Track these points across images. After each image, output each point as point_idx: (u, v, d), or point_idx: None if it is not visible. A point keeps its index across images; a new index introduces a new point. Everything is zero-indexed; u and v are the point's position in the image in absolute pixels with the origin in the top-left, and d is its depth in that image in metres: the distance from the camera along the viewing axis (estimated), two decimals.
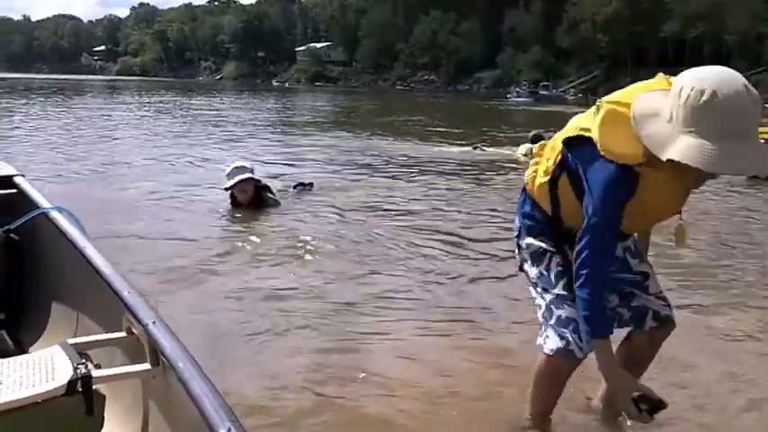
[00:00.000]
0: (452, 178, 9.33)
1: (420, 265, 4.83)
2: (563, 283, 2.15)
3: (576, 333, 2.09)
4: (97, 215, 6.07)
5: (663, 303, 2.26)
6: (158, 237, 5.50)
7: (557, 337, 2.14)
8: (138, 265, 4.56)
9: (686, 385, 2.84)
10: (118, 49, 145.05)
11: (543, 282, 2.20)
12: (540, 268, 2.21)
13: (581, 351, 2.10)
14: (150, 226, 5.92)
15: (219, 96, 40.76)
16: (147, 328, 1.72)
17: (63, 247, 2.43)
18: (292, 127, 19.69)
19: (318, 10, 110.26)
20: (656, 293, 2.25)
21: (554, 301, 2.16)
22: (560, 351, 2.13)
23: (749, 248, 5.43)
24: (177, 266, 4.62)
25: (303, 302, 3.93)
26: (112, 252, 4.67)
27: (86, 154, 10.85)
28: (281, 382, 2.90)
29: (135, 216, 6.31)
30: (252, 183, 6.20)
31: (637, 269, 2.24)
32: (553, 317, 2.16)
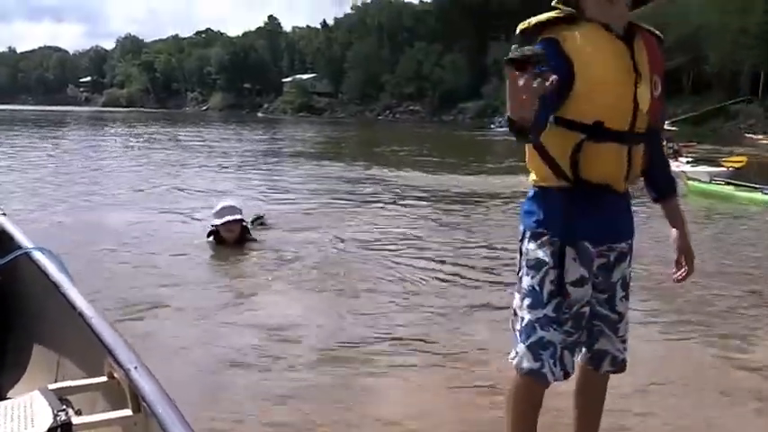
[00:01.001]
0: (450, 207, 9.41)
1: (409, 297, 4.90)
2: (555, 303, 2.10)
3: (552, 359, 2.09)
4: (81, 247, 6.09)
5: (623, 347, 2.27)
6: (142, 270, 5.52)
7: (532, 358, 2.12)
8: (120, 299, 4.60)
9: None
10: (104, 81, 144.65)
11: (533, 297, 2.13)
12: (533, 281, 2.14)
13: (553, 376, 2.11)
14: (134, 259, 5.95)
15: (207, 127, 40.80)
16: (129, 373, 1.70)
17: (45, 288, 2.39)
18: (282, 157, 19.81)
19: (305, 42, 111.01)
20: (622, 336, 2.26)
21: (540, 321, 2.11)
22: (533, 373, 2.12)
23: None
24: (161, 302, 4.65)
25: (290, 340, 3.93)
26: (94, 283, 4.73)
27: (71, 187, 10.88)
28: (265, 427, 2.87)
29: (119, 248, 6.34)
30: (239, 224, 6.34)
31: (618, 307, 2.23)
32: (534, 336, 2.12)
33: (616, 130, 2.02)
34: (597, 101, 2.00)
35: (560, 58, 1.96)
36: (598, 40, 2.02)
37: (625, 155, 2.06)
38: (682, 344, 4.06)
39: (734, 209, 9.82)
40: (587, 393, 2.37)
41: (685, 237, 2.29)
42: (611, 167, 2.06)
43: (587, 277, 2.12)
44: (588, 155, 2.02)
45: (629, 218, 2.24)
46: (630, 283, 2.26)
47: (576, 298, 2.11)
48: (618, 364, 2.26)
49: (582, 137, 2.01)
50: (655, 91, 2.07)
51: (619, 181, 2.10)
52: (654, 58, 2.09)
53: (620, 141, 2.04)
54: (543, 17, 2.05)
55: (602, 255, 2.15)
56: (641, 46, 2.07)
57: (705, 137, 30.98)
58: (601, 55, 2.01)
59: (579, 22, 2.04)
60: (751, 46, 45.54)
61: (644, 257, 4.52)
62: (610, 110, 2.01)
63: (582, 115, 2.00)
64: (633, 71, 2.04)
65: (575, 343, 2.16)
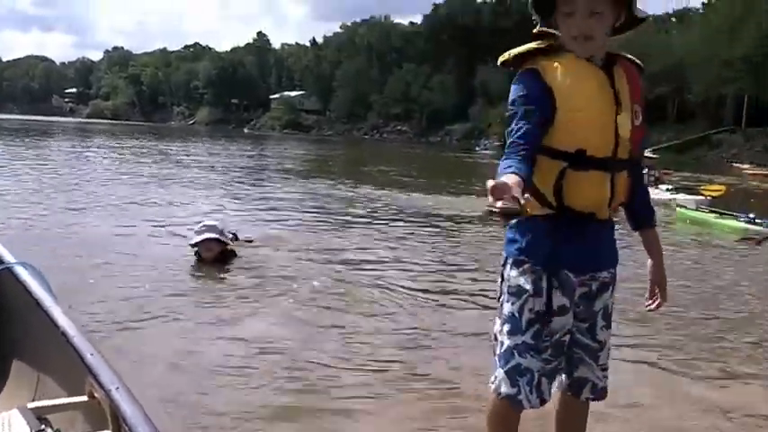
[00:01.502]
0: (435, 228, 9.42)
1: (387, 318, 4.88)
2: (533, 330, 2.11)
3: (529, 386, 2.10)
4: (64, 262, 6.04)
5: (604, 375, 2.27)
6: (124, 286, 5.47)
7: (509, 384, 2.13)
8: (101, 314, 4.56)
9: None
10: (89, 92, 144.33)
11: (512, 324, 2.14)
12: (513, 308, 2.14)
13: (529, 403, 2.12)
14: (117, 274, 5.90)
15: (194, 142, 40.71)
16: (110, 394, 1.68)
17: (27, 304, 2.36)
18: (269, 174, 19.82)
19: (293, 59, 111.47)
20: (602, 364, 2.26)
21: (518, 347, 2.12)
22: (510, 398, 2.14)
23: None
24: (142, 318, 4.61)
25: (267, 362, 3.88)
26: (76, 298, 4.66)
27: (55, 200, 10.71)
28: None
29: (102, 263, 6.28)
30: (217, 242, 6.34)
31: (599, 336, 2.22)
32: (512, 362, 2.13)
33: (599, 157, 2.03)
34: (579, 129, 2.02)
35: (542, 90, 2.00)
36: (578, 70, 2.04)
37: (608, 182, 2.07)
38: (659, 372, 4.06)
39: (716, 234, 10.22)
40: (568, 420, 2.37)
41: (661, 267, 2.31)
42: (594, 195, 2.07)
43: (568, 306, 2.12)
44: (571, 183, 2.03)
45: (613, 247, 2.24)
46: (612, 313, 2.26)
47: (556, 326, 2.11)
48: (598, 391, 2.27)
49: (564, 165, 2.03)
50: (635, 120, 2.09)
51: (602, 208, 2.10)
52: (634, 88, 2.11)
53: (603, 169, 2.05)
54: (524, 48, 2.09)
55: (584, 284, 2.15)
56: (621, 75, 2.09)
57: (688, 165, 31.45)
58: (581, 84, 2.03)
59: (559, 52, 2.07)
60: (734, 77, 46.36)
61: (629, 282, 4.52)
62: (591, 138, 2.03)
63: (564, 144, 2.02)
64: (613, 100, 2.06)
65: (553, 370, 2.17)
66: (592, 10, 2.00)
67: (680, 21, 61.87)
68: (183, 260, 6.44)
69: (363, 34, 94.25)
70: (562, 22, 2.05)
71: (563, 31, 2.06)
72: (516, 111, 2.01)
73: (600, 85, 2.05)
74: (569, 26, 2.03)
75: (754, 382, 3.95)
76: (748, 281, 6.89)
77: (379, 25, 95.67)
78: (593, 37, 2.02)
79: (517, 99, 2.03)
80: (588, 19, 2.00)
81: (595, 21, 2.01)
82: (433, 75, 78.71)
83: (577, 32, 2.02)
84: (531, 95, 2.01)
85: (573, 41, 2.04)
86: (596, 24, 2.02)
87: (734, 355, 4.40)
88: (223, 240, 6.44)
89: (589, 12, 2.00)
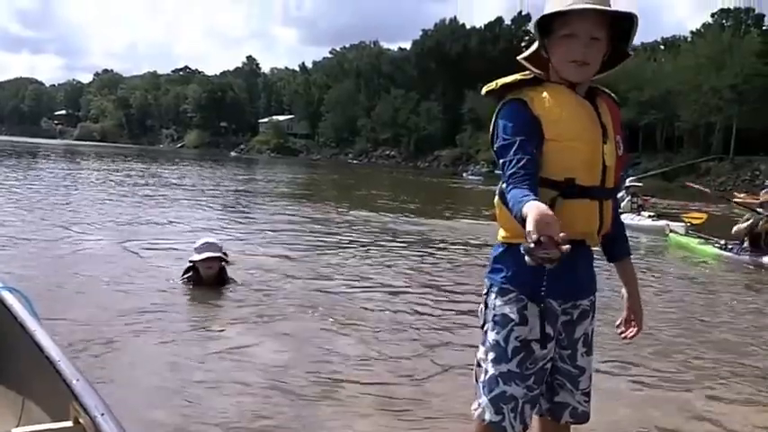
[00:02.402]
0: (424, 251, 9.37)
1: (372, 342, 4.92)
2: (518, 359, 2.12)
3: (513, 413, 2.12)
4: (52, 283, 6.02)
5: (585, 399, 2.28)
6: (113, 308, 5.41)
7: (493, 411, 2.14)
8: (89, 337, 4.51)
9: None
10: (79, 114, 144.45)
11: (497, 352, 2.15)
12: (498, 337, 2.15)
13: (513, 429, 2.14)
14: (106, 296, 5.86)
15: (185, 165, 40.60)
16: (95, 420, 1.67)
17: (12, 329, 2.38)
18: (260, 197, 19.82)
19: (282, 84, 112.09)
20: (583, 389, 2.27)
21: (503, 376, 2.13)
22: (494, 425, 2.14)
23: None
24: (133, 341, 4.60)
25: (259, 385, 3.89)
26: (65, 319, 4.65)
27: (44, 221, 10.59)
28: None
29: (92, 283, 6.28)
30: (219, 261, 6.25)
31: (579, 362, 2.24)
32: (497, 390, 2.14)
33: (587, 186, 2.07)
34: (567, 158, 2.05)
35: (531, 120, 2.03)
36: (564, 100, 2.07)
37: (597, 210, 2.11)
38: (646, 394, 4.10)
39: (698, 258, 10.65)
40: None
41: (637, 296, 2.36)
42: (585, 223, 2.10)
43: (552, 335, 2.15)
44: (564, 211, 2.00)
45: (593, 274, 2.28)
46: (593, 339, 2.29)
47: (540, 355, 2.14)
48: (578, 415, 2.28)
49: (555, 194, 2.04)
50: (618, 150, 2.13)
51: (593, 235, 2.14)
52: (615, 120, 2.16)
53: (592, 197, 2.09)
54: (509, 79, 2.12)
55: (566, 312, 2.19)
56: (604, 107, 2.14)
57: (676, 193, 31.59)
58: (568, 113, 2.06)
59: (543, 83, 2.11)
60: (722, 106, 46.96)
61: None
62: (580, 166, 2.06)
63: (553, 173, 2.04)
64: (600, 130, 2.09)
65: (536, 397, 2.19)
66: (591, 35, 2.02)
67: (669, 49, 62.73)
68: (176, 283, 6.38)
69: (352, 59, 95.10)
70: (559, 45, 2.06)
71: (558, 54, 2.07)
72: (511, 140, 2.02)
73: (587, 113, 2.09)
74: (568, 50, 2.04)
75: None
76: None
77: (368, 50, 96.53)
78: (590, 63, 2.05)
79: (509, 129, 2.05)
80: (589, 43, 2.03)
81: (594, 46, 2.04)
82: (421, 100, 79.25)
83: (577, 57, 2.03)
84: (522, 126, 2.03)
85: (568, 66, 2.06)
86: (595, 50, 2.05)
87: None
88: (223, 259, 6.37)
89: (589, 37, 2.02)
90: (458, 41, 78.89)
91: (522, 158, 1.98)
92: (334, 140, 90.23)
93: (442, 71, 78.24)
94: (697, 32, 60.71)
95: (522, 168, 1.97)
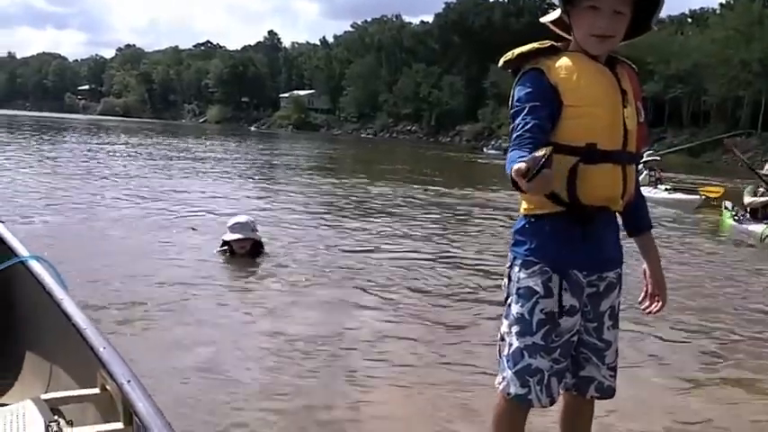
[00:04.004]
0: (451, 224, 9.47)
1: (416, 311, 5.02)
2: (544, 331, 2.12)
3: (539, 385, 2.12)
4: (83, 254, 6.11)
5: (611, 374, 2.26)
6: (146, 277, 5.51)
7: (519, 384, 2.14)
8: (121, 305, 4.61)
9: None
10: (102, 89, 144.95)
11: (522, 325, 2.14)
12: (523, 309, 2.14)
13: (540, 402, 2.14)
14: (141, 264, 5.97)
15: (209, 140, 40.76)
16: (122, 387, 1.69)
17: (39, 297, 2.38)
18: (287, 171, 19.93)
19: (303, 58, 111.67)
20: (609, 363, 2.26)
21: (529, 348, 2.13)
22: (519, 398, 2.15)
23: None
24: (166, 310, 4.65)
25: (292, 356, 3.91)
26: (95, 289, 4.76)
27: (73, 194, 10.70)
28: None
29: (124, 252, 6.42)
30: (251, 241, 6.47)
31: (605, 336, 2.23)
32: (522, 363, 2.14)
33: (610, 150, 2.05)
34: (588, 123, 2.04)
35: (547, 88, 2.03)
36: (583, 66, 2.06)
37: (620, 174, 2.09)
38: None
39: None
40: (573, 419, 2.38)
41: (659, 270, 2.34)
42: (608, 187, 2.09)
43: (578, 307, 2.14)
44: (585, 177, 2.03)
45: (619, 247, 2.25)
46: (619, 313, 2.27)
47: (566, 327, 2.13)
48: (604, 390, 2.27)
49: (576, 159, 2.03)
50: (639, 116, 2.13)
51: (617, 200, 2.12)
52: (635, 87, 2.15)
53: (615, 161, 2.07)
54: (525, 48, 2.11)
55: (591, 284, 2.16)
56: (624, 74, 2.13)
57: (701, 169, 31.20)
58: (587, 79, 2.05)
59: (561, 52, 2.10)
60: (751, 80, 46.09)
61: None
62: (602, 130, 2.05)
63: (574, 139, 2.03)
64: (620, 95, 2.09)
65: (563, 370, 2.18)
66: (615, 9, 2.01)
67: (696, 22, 61.56)
68: (212, 254, 6.54)
69: (374, 33, 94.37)
70: (582, 16, 2.05)
71: (581, 26, 2.06)
72: (522, 107, 2.03)
73: (606, 78, 2.08)
74: (593, 23, 2.03)
75: None
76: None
77: (389, 24, 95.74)
78: (613, 36, 2.04)
79: (523, 96, 2.06)
80: (613, 17, 2.01)
81: (618, 20, 2.03)
82: (443, 75, 78.66)
83: (601, 31, 2.02)
84: (536, 93, 2.03)
85: (590, 39, 2.05)
86: (618, 24, 2.04)
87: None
88: (255, 238, 6.57)
89: (613, 10, 2.01)
90: (481, 14, 77.99)
91: (528, 122, 1.99)
92: (356, 115, 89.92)
93: (465, 45, 77.54)
94: (726, 4, 59.41)
95: (528, 131, 1.98)
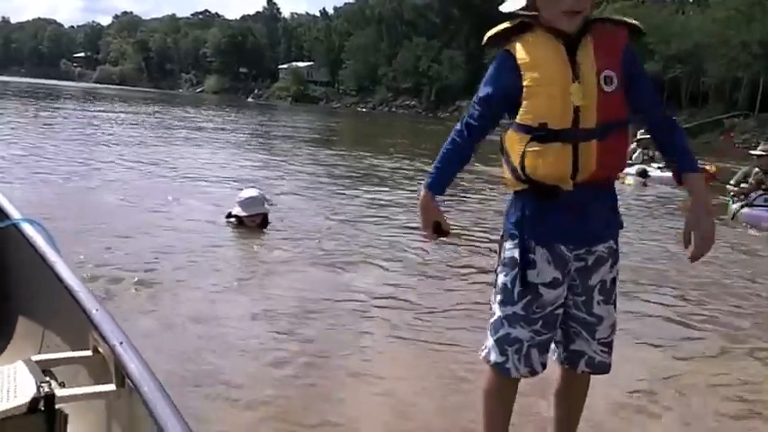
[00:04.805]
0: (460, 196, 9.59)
1: (402, 278, 5.16)
2: (525, 301, 2.15)
3: (517, 354, 2.16)
4: (83, 220, 6.19)
5: (603, 350, 2.24)
6: (148, 241, 5.64)
7: (498, 351, 2.19)
8: (124, 270, 4.69)
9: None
10: (98, 57, 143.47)
11: (505, 294, 2.19)
12: (506, 279, 2.19)
13: (517, 372, 2.18)
14: (142, 229, 6.10)
15: (210, 110, 40.48)
16: (114, 349, 1.68)
17: (32, 260, 2.39)
18: (292, 142, 19.91)
19: (303, 29, 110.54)
20: (600, 338, 2.24)
21: (509, 318, 2.17)
22: (498, 366, 2.19)
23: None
24: (167, 276, 4.71)
25: (286, 329, 3.94)
26: (95, 252, 4.86)
27: (71, 160, 10.66)
28: (249, 412, 2.90)
29: (124, 220, 6.50)
30: (262, 216, 6.55)
31: (595, 311, 2.21)
32: (501, 331, 2.18)
33: (558, 129, 2.04)
34: (540, 103, 2.06)
35: (510, 73, 2.10)
36: (540, 45, 2.08)
37: (569, 153, 2.05)
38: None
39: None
40: (566, 393, 2.39)
41: (697, 209, 2.11)
42: (552, 167, 2.07)
43: (561, 279, 2.15)
44: (531, 156, 2.08)
45: (611, 220, 2.22)
46: (615, 288, 2.23)
47: (548, 299, 2.15)
48: (595, 365, 2.26)
49: (527, 138, 2.08)
50: (606, 86, 2.04)
51: (564, 180, 2.08)
52: (604, 53, 2.07)
53: (563, 140, 2.04)
54: (495, 30, 2.18)
55: (579, 258, 2.16)
56: (588, 42, 2.06)
57: (698, 150, 31.10)
58: (540, 59, 2.07)
59: (530, 29, 2.11)
60: (750, 61, 45.83)
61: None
62: (549, 110, 2.05)
63: (530, 119, 2.08)
64: (569, 70, 2.04)
65: (545, 342, 2.19)
66: None
67: (698, 2, 61.02)
68: (222, 221, 6.66)
69: (374, 5, 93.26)
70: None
71: (550, 5, 2.06)
72: (483, 89, 2.18)
73: (557, 55, 2.06)
74: (560, 1, 2.03)
75: None
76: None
77: None
78: (581, 11, 2.05)
79: (488, 77, 2.19)
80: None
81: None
82: (443, 49, 78.04)
83: (569, 6, 2.03)
84: (497, 77, 2.15)
85: (561, 16, 2.05)
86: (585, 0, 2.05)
87: None
88: (266, 212, 6.65)
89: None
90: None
91: (478, 112, 2.18)
92: (355, 89, 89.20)
93: (466, 18, 76.75)
94: None
95: (476, 121, 2.19)
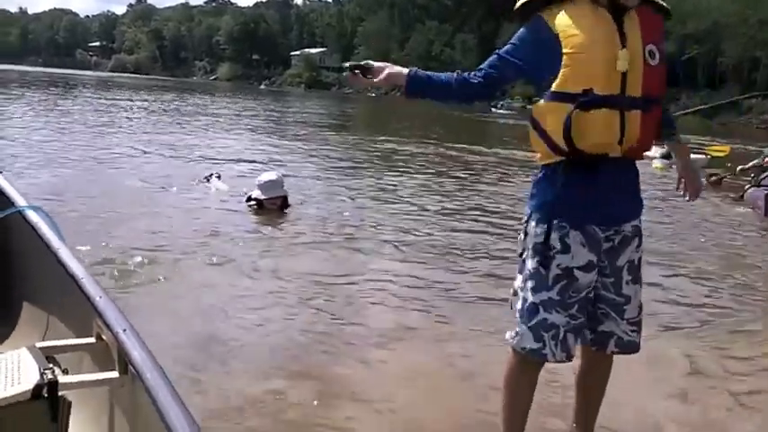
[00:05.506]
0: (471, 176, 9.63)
1: (417, 264, 5.19)
2: (560, 286, 2.12)
3: (554, 340, 2.13)
4: (93, 200, 6.42)
5: (632, 329, 2.24)
6: (164, 229, 5.74)
7: (533, 338, 2.15)
8: (136, 255, 4.77)
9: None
10: (113, 46, 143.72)
11: (537, 279, 2.15)
12: (539, 264, 2.15)
13: (554, 357, 2.16)
14: (156, 216, 6.24)
15: (225, 97, 40.51)
16: (117, 336, 1.69)
17: (37, 247, 2.39)
18: (310, 128, 20.09)
19: (315, 15, 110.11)
20: (629, 318, 2.24)
21: (545, 303, 2.14)
22: (534, 353, 2.17)
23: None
24: (185, 261, 4.82)
25: (297, 312, 4.04)
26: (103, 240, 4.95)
27: (84, 147, 10.81)
28: (251, 396, 2.94)
29: (139, 208, 6.60)
30: (281, 198, 6.66)
31: (624, 291, 2.22)
32: (536, 317, 2.14)
33: (605, 94, 2.03)
34: (582, 68, 2.04)
35: (549, 36, 2.08)
36: (582, 13, 2.07)
37: (617, 119, 2.05)
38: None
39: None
40: (591, 374, 2.39)
41: (682, 161, 2.41)
42: (602, 133, 2.06)
43: (594, 262, 2.14)
44: (579, 123, 2.03)
45: (636, 200, 2.25)
46: (641, 266, 2.26)
47: (584, 283, 2.13)
48: (625, 345, 2.25)
49: (572, 107, 2.04)
50: (651, 60, 2.08)
51: (613, 146, 2.08)
52: (649, 28, 2.10)
53: (611, 106, 2.04)
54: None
55: (608, 239, 2.16)
56: (633, 15, 2.09)
57: (715, 131, 30.69)
58: (587, 26, 2.05)
59: (565, 1, 2.11)
60: None
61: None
62: (596, 76, 2.03)
63: (571, 85, 2.05)
64: (618, 38, 2.06)
65: (579, 326, 2.18)
66: None
67: None
68: (243, 205, 6.79)
69: None
70: None
71: None
72: (506, 50, 2.18)
73: (603, 23, 2.06)
74: None
75: None
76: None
77: None
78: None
79: (516, 41, 2.17)
80: None
81: None
82: (456, 33, 77.49)
83: None
84: (526, 38, 2.14)
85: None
86: None
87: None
88: (285, 194, 6.75)
89: None
90: None
91: (494, 60, 2.19)
92: None
93: (479, 2, 76.19)
94: None
95: (487, 66, 2.20)
